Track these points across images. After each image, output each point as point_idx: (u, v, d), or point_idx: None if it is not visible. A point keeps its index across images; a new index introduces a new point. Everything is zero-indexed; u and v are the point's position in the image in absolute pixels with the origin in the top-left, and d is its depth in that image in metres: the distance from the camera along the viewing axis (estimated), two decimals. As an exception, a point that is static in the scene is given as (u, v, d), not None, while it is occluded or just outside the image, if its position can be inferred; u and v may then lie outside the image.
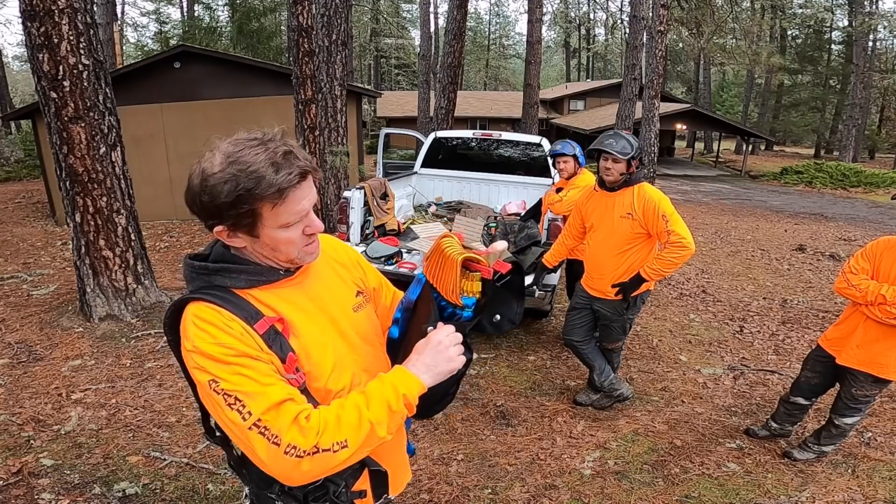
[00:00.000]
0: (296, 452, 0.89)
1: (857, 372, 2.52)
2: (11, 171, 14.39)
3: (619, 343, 3.25)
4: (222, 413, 0.91)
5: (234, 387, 0.90)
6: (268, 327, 0.97)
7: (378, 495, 1.16)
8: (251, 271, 1.01)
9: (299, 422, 0.90)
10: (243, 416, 0.89)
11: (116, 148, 4.32)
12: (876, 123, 32.32)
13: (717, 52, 21.71)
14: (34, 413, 3.11)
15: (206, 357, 0.92)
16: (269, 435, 0.89)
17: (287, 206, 0.94)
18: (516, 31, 51.36)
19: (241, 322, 0.95)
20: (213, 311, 0.95)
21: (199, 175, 0.93)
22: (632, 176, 2.90)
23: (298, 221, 0.98)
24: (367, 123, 23.50)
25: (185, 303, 0.98)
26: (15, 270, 5.99)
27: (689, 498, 2.53)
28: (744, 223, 10.35)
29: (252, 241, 0.98)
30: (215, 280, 0.99)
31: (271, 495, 1.08)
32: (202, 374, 0.92)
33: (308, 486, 1.06)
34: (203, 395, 0.95)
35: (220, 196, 0.91)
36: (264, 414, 0.89)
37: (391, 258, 4.24)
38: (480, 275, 1.06)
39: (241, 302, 0.98)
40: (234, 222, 0.94)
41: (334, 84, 6.58)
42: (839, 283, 2.50)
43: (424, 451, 2.84)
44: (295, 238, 0.99)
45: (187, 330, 0.95)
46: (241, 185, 0.90)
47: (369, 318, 1.19)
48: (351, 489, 1.10)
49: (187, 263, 1.03)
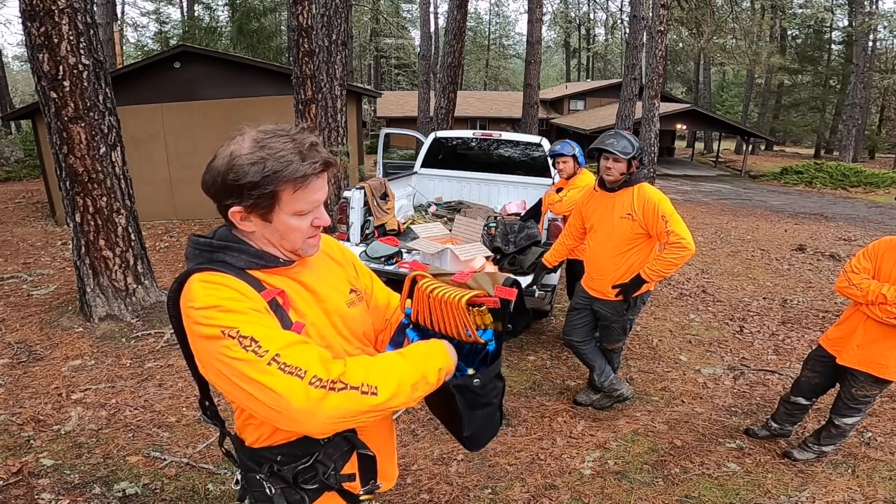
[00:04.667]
0: (321, 384, 0.85)
1: (858, 372, 2.52)
2: (11, 171, 14.39)
3: (620, 343, 3.25)
4: (236, 361, 0.87)
5: (249, 330, 0.88)
6: (271, 298, 0.99)
7: (366, 480, 1.16)
8: (252, 253, 1.04)
9: (324, 357, 0.90)
10: (259, 354, 0.86)
11: (116, 148, 4.32)
12: (876, 123, 32.31)
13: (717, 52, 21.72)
14: (34, 413, 3.11)
15: (216, 309, 0.91)
16: (290, 369, 0.85)
17: (306, 193, 0.99)
18: (516, 31, 51.44)
19: (246, 285, 0.98)
20: (220, 275, 0.98)
21: (227, 156, 0.98)
22: (632, 176, 2.90)
23: (310, 211, 1.03)
24: (367, 123, 23.50)
25: (188, 275, 1.00)
26: (15, 270, 5.99)
27: (689, 498, 2.53)
28: (744, 223, 10.35)
29: (263, 225, 1.02)
30: (217, 257, 1.02)
31: (259, 476, 1.09)
32: (210, 327, 0.90)
33: (298, 467, 1.06)
34: (210, 355, 0.91)
35: (246, 176, 0.95)
36: (284, 349, 0.87)
37: (391, 258, 4.24)
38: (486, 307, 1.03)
39: (244, 275, 1.01)
40: (253, 203, 0.97)
41: (334, 84, 6.58)
42: (840, 283, 2.50)
43: (424, 451, 2.84)
44: (304, 228, 1.03)
45: (193, 292, 0.95)
46: (268, 166, 0.95)
47: (362, 315, 1.21)
48: (340, 472, 1.11)
49: (192, 241, 1.06)
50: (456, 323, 1.04)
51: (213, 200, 1.02)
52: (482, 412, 1.09)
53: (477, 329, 1.04)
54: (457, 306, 1.02)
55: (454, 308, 1.03)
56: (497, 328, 1.05)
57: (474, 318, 1.03)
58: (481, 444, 1.18)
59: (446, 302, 1.03)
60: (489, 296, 1.01)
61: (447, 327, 1.07)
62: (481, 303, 1.02)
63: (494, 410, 1.12)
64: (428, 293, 1.06)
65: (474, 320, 1.04)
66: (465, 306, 1.01)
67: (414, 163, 6.35)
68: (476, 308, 1.03)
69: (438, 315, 1.07)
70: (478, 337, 1.04)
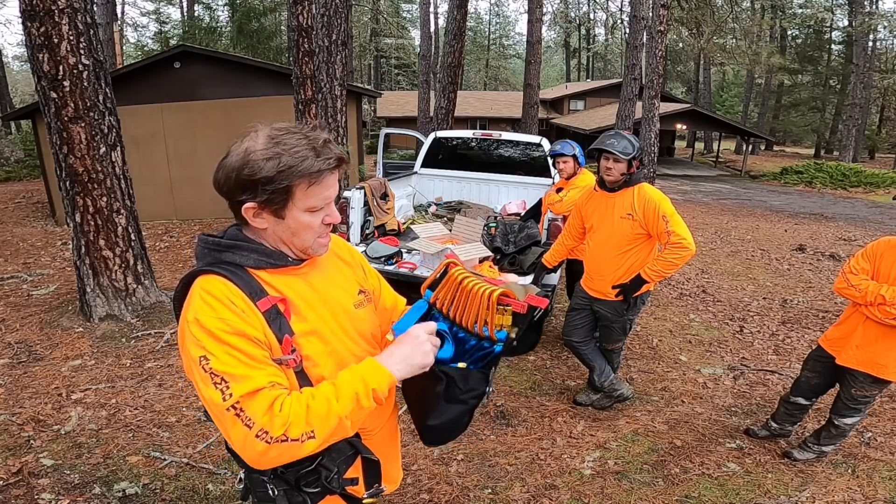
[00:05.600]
0: (265, 438, 0.92)
1: (857, 372, 2.52)
2: (11, 171, 14.39)
3: (620, 344, 3.25)
4: (205, 390, 0.94)
5: (223, 367, 0.93)
6: (270, 306, 1.00)
7: (370, 484, 1.17)
8: (261, 251, 1.05)
9: (273, 409, 0.93)
10: (224, 396, 0.92)
11: (116, 148, 4.32)
12: (876, 123, 32.32)
13: (717, 52, 21.72)
14: (34, 413, 3.11)
15: (204, 331, 0.95)
16: (243, 417, 0.92)
17: (320, 188, 1.01)
18: (516, 31, 51.42)
19: (244, 298, 0.99)
20: (221, 284, 0.99)
21: (242, 152, 0.99)
22: (632, 176, 2.89)
23: (322, 208, 1.04)
24: (367, 123, 23.51)
25: (195, 275, 1.02)
26: (15, 270, 5.99)
27: (689, 498, 2.53)
28: (744, 223, 10.35)
29: (276, 222, 1.03)
30: (225, 257, 1.04)
31: (263, 478, 1.10)
32: (196, 347, 0.95)
33: (301, 471, 1.08)
34: (190, 370, 0.97)
35: (261, 171, 0.96)
36: (243, 398, 0.93)
37: (391, 258, 4.24)
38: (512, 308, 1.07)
39: (248, 278, 1.02)
40: (267, 198, 0.99)
41: (334, 84, 6.58)
42: (839, 283, 2.50)
43: (424, 451, 2.84)
44: (315, 225, 1.04)
45: (192, 302, 0.99)
46: (283, 162, 0.97)
47: (370, 316, 1.21)
48: (343, 476, 1.12)
49: (201, 239, 1.07)
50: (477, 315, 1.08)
51: (225, 198, 1.03)
52: (455, 407, 1.13)
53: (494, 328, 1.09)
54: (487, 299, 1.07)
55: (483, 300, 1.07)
56: (512, 333, 1.08)
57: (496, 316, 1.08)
58: (440, 440, 1.23)
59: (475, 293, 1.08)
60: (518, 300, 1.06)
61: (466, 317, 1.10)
62: (508, 304, 1.07)
63: (466, 412, 1.15)
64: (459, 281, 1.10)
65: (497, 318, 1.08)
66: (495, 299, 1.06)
67: (414, 163, 6.35)
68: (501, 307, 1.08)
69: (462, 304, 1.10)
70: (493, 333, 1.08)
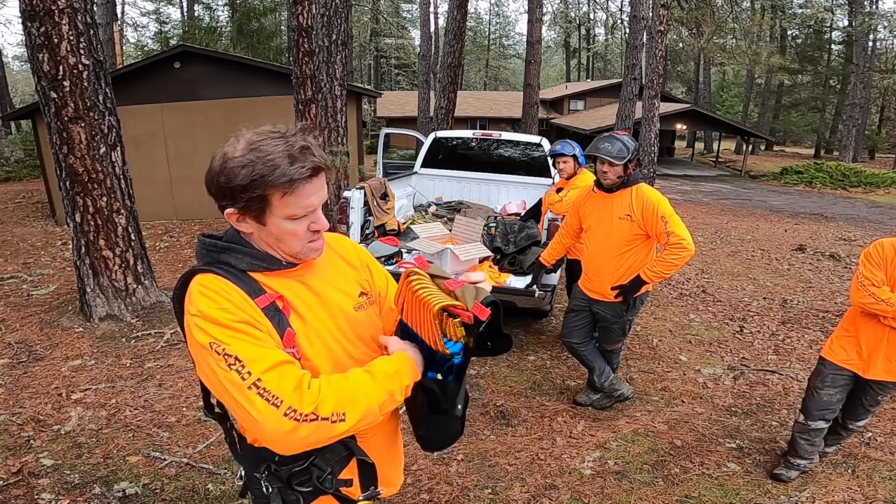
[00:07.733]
0: (294, 416, 0.90)
1: (887, 382, 2.45)
2: (11, 171, 14.38)
3: (619, 344, 3.25)
4: (221, 375, 0.92)
5: (235, 350, 0.92)
6: (268, 303, 1.01)
7: (365, 486, 1.16)
8: (255, 255, 1.05)
9: (302, 386, 0.92)
10: (242, 375, 0.90)
11: (116, 148, 4.32)
12: (876, 123, 32.30)
13: (717, 52, 21.68)
14: (34, 413, 3.11)
15: (209, 320, 0.95)
16: (268, 396, 0.90)
17: (296, 197, 0.98)
18: (516, 31, 51.38)
19: (242, 294, 0.99)
20: (218, 281, 0.99)
21: (221, 157, 0.99)
22: (630, 177, 2.89)
23: (305, 216, 1.01)
24: (367, 123, 23.48)
25: (192, 274, 1.03)
26: (15, 270, 5.99)
27: (689, 498, 2.53)
28: (744, 223, 10.35)
29: (259, 228, 1.02)
30: (222, 257, 1.04)
31: (257, 475, 1.10)
32: (203, 336, 0.94)
33: (293, 469, 1.07)
34: (202, 361, 0.96)
35: (235, 178, 0.96)
36: (265, 373, 0.91)
37: (391, 258, 4.24)
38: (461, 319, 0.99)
39: (245, 278, 1.02)
40: (244, 206, 0.98)
41: (334, 84, 6.58)
42: (862, 298, 2.34)
43: (424, 451, 2.84)
44: (300, 232, 1.02)
45: (192, 297, 0.99)
46: (256, 170, 0.95)
47: (370, 319, 1.19)
48: (337, 476, 1.11)
49: (201, 240, 1.08)
50: (430, 327, 1.03)
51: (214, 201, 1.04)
52: (439, 417, 1.13)
53: (448, 340, 1.02)
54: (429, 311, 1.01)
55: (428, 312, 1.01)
56: (468, 344, 1.02)
57: (448, 327, 1.01)
58: (433, 447, 1.24)
59: (424, 304, 1.01)
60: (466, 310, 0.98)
61: (422, 330, 1.05)
62: (457, 314, 0.99)
63: (454, 420, 1.15)
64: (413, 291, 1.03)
65: (447, 330, 1.02)
66: (436, 312, 0.99)
67: (414, 163, 6.35)
68: (451, 319, 1.00)
69: (417, 316, 1.05)
70: (443, 346, 1.03)
